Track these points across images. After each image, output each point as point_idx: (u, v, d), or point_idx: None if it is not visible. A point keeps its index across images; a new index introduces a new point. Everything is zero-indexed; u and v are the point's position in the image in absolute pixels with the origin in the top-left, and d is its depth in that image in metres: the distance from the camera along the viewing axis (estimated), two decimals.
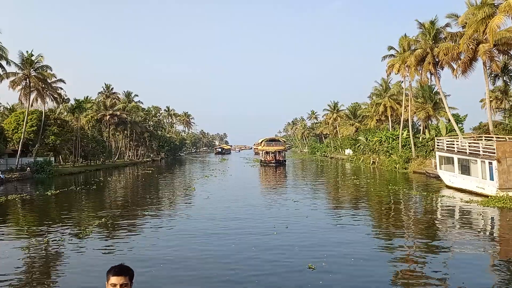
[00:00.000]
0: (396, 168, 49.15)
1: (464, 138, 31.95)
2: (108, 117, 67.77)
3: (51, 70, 49.39)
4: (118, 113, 68.61)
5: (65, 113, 68.94)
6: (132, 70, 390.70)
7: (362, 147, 73.12)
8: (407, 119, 51.60)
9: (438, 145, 31.50)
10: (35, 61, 46.39)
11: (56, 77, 57.20)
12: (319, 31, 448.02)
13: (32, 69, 46.54)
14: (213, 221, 18.36)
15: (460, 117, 57.30)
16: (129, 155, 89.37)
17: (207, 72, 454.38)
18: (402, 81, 69.77)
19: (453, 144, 28.91)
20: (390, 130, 66.15)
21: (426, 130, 50.88)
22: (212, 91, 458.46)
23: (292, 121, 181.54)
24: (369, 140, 68.26)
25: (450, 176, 29.10)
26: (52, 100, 58.04)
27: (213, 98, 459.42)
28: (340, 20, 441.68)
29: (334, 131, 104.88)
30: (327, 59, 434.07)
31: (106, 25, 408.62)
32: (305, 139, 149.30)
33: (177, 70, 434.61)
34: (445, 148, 29.85)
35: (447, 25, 34.46)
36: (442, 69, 35.32)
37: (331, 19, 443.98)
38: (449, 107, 56.85)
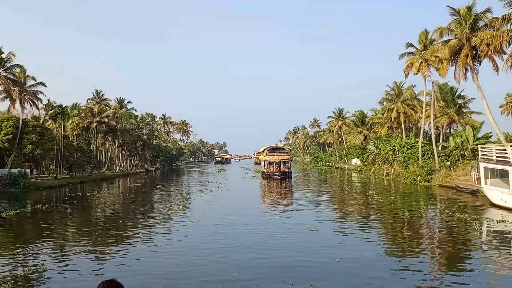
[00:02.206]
0: (416, 181, 43.25)
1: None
2: (95, 124, 61.90)
3: (24, 71, 43.64)
4: (106, 120, 62.68)
5: (51, 121, 63.35)
6: (131, 76, 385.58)
7: (372, 156, 67.29)
8: (427, 126, 45.92)
9: (483, 155, 25.70)
10: (5, 59, 40.70)
11: (35, 80, 51.89)
12: (320, 38, 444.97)
13: (1, 69, 40.87)
14: (200, 270, 12.46)
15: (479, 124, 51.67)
16: (122, 166, 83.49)
17: (206, 79, 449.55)
18: (415, 86, 64.64)
19: (506, 154, 23.09)
20: (404, 138, 60.42)
21: (451, 138, 44.94)
22: (211, 99, 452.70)
23: (293, 130, 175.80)
24: (381, 149, 62.49)
25: (502, 194, 23.24)
26: (31, 105, 52.56)
27: (213, 107, 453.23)
28: (340, 28, 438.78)
29: (339, 139, 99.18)
30: (328, 67, 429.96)
31: (106, 32, 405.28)
32: (307, 148, 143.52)
33: (174, 77, 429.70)
34: (495, 158, 24.05)
35: (487, 10, 28.91)
36: (480, 64, 29.67)
37: (330, 28, 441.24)
38: (475, 112, 51.48)
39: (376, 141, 67.97)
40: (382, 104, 67.51)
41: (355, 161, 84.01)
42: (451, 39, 30.13)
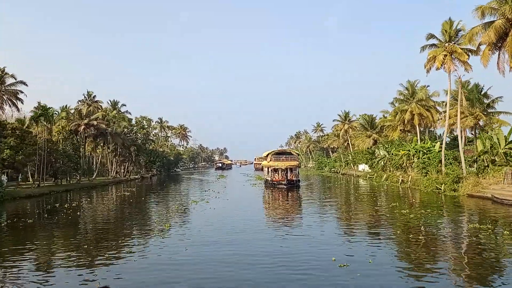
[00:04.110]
0: (440, 189, 38.20)
1: None
2: (83, 127, 56.97)
3: (2, 68, 38.89)
4: (95, 122, 57.72)
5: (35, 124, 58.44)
6: (131, 75, 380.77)
7: (382, 162, 62.33)
8: (451, 127, 40.97)
9: None
10: None
11: (15, 78, 47.31)
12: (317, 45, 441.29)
13: None
14: None
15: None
16: (116, 172, 78.43)
17: (205, 84, 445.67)
18: (428, 86, 59.73)
19: None
20: (419, 141, 55.47)
21: (478, 141, 39.92)
22: (210, 104, 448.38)
23: (295, 134, 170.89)
24: (393, 154, 57.54)
25: None
26: (10, 106, 47.83)
27: (213, 112, 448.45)
28: (341, 24, 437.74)
29: (345, 144, 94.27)
30: (328, 63, 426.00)
31: (104, 33, 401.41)
32: (310, 153, 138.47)
33: (173, 83, 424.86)
34: None
35: None
36: None
37: (331, 23, 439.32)
38: (504, 112, 46.51)
39: (387, 146, 63.11)
40: (394, 105, 62.56)
41: (363, 167, 79.08)
42: (495, 21, 25.35)
